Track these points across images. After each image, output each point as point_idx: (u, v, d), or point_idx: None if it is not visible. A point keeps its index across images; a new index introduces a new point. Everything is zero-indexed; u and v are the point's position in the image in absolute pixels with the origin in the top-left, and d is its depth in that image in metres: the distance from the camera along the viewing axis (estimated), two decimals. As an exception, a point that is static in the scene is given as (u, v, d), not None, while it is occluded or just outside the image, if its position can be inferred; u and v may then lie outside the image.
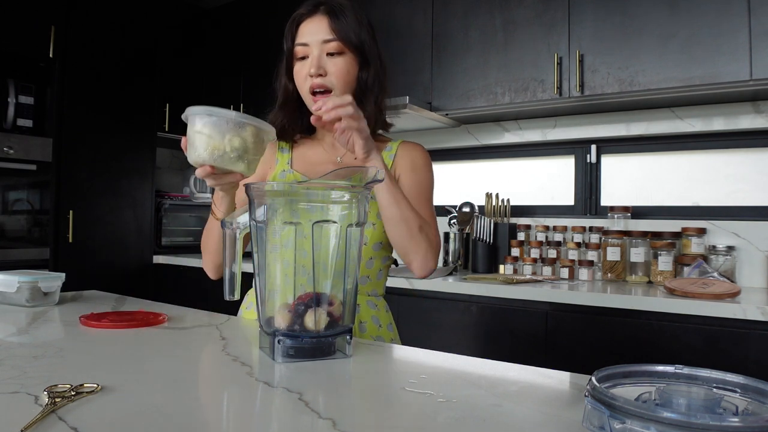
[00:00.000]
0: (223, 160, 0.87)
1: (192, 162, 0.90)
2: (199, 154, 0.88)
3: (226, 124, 0.86)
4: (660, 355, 1.66)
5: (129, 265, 3.08)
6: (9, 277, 1.18)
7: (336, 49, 1.08)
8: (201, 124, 0.87)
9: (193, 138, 0.88)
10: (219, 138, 0.86)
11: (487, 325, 2.01)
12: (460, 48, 2.42)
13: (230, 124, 0.86)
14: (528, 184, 2.69)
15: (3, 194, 2.68)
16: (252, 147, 0.89)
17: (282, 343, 0.76)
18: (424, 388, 0.66)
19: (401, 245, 1.07)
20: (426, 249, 1.07)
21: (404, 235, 1.06)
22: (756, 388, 0.51)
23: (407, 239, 1.06)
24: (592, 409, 0.48)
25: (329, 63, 1.09)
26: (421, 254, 1.06)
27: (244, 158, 0.89)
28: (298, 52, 1.11)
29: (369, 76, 1.13)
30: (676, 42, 1.93)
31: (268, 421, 0.58)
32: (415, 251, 1.06)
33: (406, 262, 1.09)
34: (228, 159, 0.87)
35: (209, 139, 0.87)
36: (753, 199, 2.15)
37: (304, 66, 1.10)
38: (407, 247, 1.07)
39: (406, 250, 1.07)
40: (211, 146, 0.87)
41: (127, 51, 3.07)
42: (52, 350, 0.81)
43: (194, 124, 0.88)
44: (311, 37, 1.09)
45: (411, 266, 1.09)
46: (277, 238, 0.78)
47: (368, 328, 1.11)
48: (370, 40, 1.13)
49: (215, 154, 0.87)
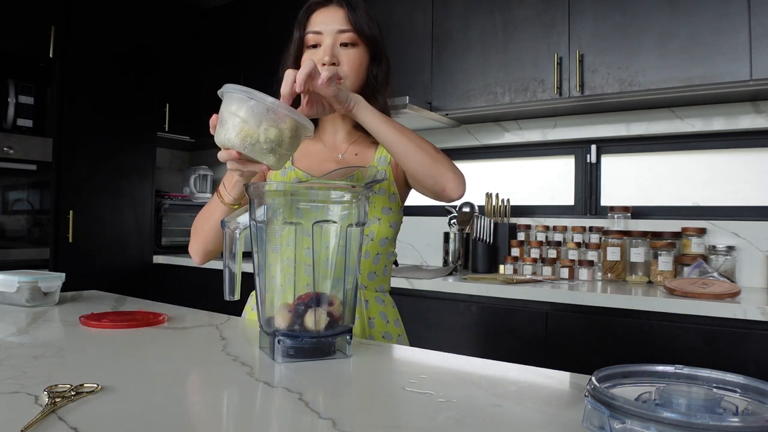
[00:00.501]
0: (253, 150, 0.81)
1: (219, 143, 0.83)
2: (229, 138, 0.81)
3: (266, 111, 0.79)
4: (660, 355, 1.66)
5: (129, 265, 3.08)
6: (9, 277, 1.18)
7: (350, 40, 1.07)
8: (237, 106, 0.80)
9: (226, 118, 0.81)
10: (254, 125, 0.80)
11: (487, 325, 2.01)
12: (460, 48, 2.42)
13: (270, 113, 0.79)
14: (528, 184, 2.69)
15: (3, 194, 2.68)
16: (287, 141, 0.82)
17: (282, 343, 0.76)
18: (424, 388, 0.66)
19: (427, 174, 1.00)
20: (452, 166, 1.01)
21: (426, 161, 0.99)
22: (756, 388, 0.51)
23: (430, 163, 0.99)
24: (592, 409, 0.48)
25: (342, 53, 1.07)
26: (450, 173, 1.00)
27: (277, 152, 0.82)
28: (310, 40, 1.08)
29: (380, 71, 1.13)
30: (676, 42, 1.93)
31: (268, 421, 0.58)
32: (443, 172, 1.00)
33: (438, 191, 1.02)
34: (259, 149, 0.81)
35: (243, 123, 0.80)
36: (753, 199, 2.15)
37: (316, 54, 1.07)
38: (434, 172, 0.99)
39: (434, 177, 1.00)
40: (244, 132, 0.80)
41: (127, 51, 3.07)
42: (52, 350, 0.81)
43: (230, 104, 0.81)
44: (325, 26, 1.07)
45: (446, 190, 1.01)
46: (277, 238, 0.78)
47: (377, 324, 1.11)
48: (380, 38, 1.13)
49: (246, 141, 0.80)
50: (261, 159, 0.82)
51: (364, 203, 0.81)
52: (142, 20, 3.14)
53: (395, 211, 1.15)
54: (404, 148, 0.98)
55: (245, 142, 0.80)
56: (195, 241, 1.09)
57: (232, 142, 0.81)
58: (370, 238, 1.11)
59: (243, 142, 0.80)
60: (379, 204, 1.12)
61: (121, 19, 3.03)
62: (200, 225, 1.08)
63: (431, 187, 1.02)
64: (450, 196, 1.02)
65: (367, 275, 1.13)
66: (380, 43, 1.13)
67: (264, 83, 1.12)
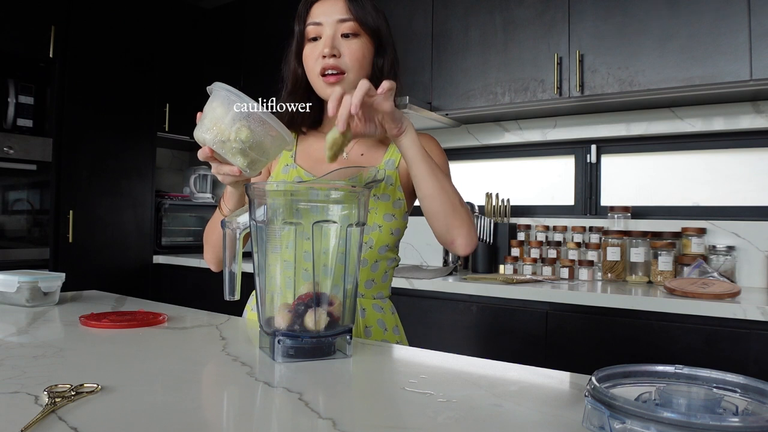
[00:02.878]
0: (223, 147, 0.82)
1: (197, 138, 0.84)
2: (203, 133, 0.82)
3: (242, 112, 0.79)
4: (660, 355, 1.66)
5: (129, 265, 3.08)
6: (9, 277, 1.18)
7: (351, 30, 1.04)
8: (217, 103, 0.81)
9: (206, 113, 0.82)
10: (228, 124, 0.80)
11: (487, 325, 2.01)
12: (460, 48, 2.42)
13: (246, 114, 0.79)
14: (528, 184, 2.69)
15: (3, 194, 2.68)
16: (259, 146, 0.82)
17: (282, 343, 0.76)
18: (424, 388, 0.66)
19: (443, 222, 0.97)
20: (469, 223, 0.98)
21: (447, 209, 0.96)
22: (756, 388, 0.51)
23: (450, 213, 0.96)
24: (592, 409, 0.48)
25: (343, 44, 1.04)
26: (465, 228, 0.98)
27: (248, 154, 0.82)
28: (310, 32, 1.05)
29: (386, 63, 1.09)
30: (676, 42, 1.93)
31: (268, 421, 0.58)
32: (459, 226, 0.97)
33: (447, 240, 0.99)
34: (229, 148, 0.81)
35: (218, 120, 0.81)
36: (753, 199, 2.15)
37: (316, 47, 1.04)
38: (450, 222, 0.97)
39: (448, 227, 0.97)
40: (216, 128, 0.81)
41: (127, 51, 3.07)
42: (52, 350, 0.81)
43: (213, 100, 0.82)
44: (325, 17, 1.04)
45: (455, 243, 0.99)
46: (277, 238, 0.78)
47: (374, 332, 1.08)
48: (386, 29, 1.09)
49: (217, 137, 0.81)
50: (230, 158, 0.83)
51: (364, 203, 0.81)
52: (142, 20, 3.14)
53: (398, 218, 1.11)
54: (432, 188, 0.95)
55: (215, 138, 0.81)
56: (207, 251, 1.13)
57: (203, 137, 0.82)
58: (368, 245, 1.08)
59: (213, 138, 0.81)
60: (381, 211, 1.08)
61: (121, 19, 3.03)
62: (209, 235, 1.11)
63: (442, 235, 1.00)
64: (456, 250, 1.00)
65: (365, 283, 1.10)
66: (385, 33, 1.09)
67: (264, 83, 1.12)
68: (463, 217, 0.98)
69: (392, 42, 1.12)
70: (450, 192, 0.97)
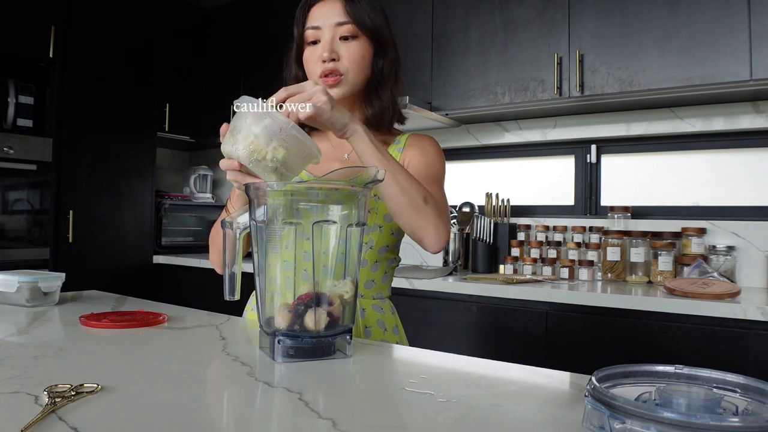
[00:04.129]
0: (258, 166, 0.81)
1: (225, 152, 0.83)
2: (237, 149, 0.81)
3: (278, 131, 0.79)
4: (660, 355, 1.66)
5: (129, 265, 3.08)
6: (9, 277, 1.18)
7: (350, 33, 1.04)
8: (252, 120, 0.80)
9: (238, 129, 0.81)
10: (264, 142, 0.80)
11: (487, 325, 2.01)
12: (460, 48, 2.42)
13: (282, 133, 0.79)
14: (528, 184, 2.69)
15: (3, 194, 2.68)
16: (293, 164, 0.82)
17: (282, 343, 0.76)
18: (424, 388, 0.66)
19: (407, 223, 0.96)
20: (435, 221, 0.96)
21: (409, 212, 0.95)
22: (756, 388, 0.51)
23: (413, 214, 0.95)
24: (592, 409, 0.48)
25: (342, 47, 1.04)
26: (431, 228, 0.96)
27: (280, 172, 0.82)
28: (309, 36, 1.06)
29: (385, 63, 1.09)
30: (676, 42, 1.93)
31: (268, 421, 0.58)
32: (424, 227, 0.96)
33: (416, 240, 0.99)
34: (264, 166, 0.81)
35: (255, 138, 0.80)
36: (753, 199, 2.15)
37: (315, 50, 1.05)
38: (414, 224, 0.96)
39: (413, 227, 0.96)
40: (252, 146, 0.80)
41: (127, 51, 3.07)
42: (52, 350, 0.81)
43: (245, 117, 0.81)
44: (323, 20, 1.04)
45: (423, 243, 0.98)
46: (277, 238, 0.78)
47: (373, 332, 1.08)
48: (386, 28, 1.09)
49: (253, 156, 0.80)
50: (263, 176, 0.82)
51: (364, 203, 0.81)
52: (143, 20, 3.14)
53: None
54: (391, 190, 0.93)
55: (251, 157, 0.80)
56: (213, 254, 1.12)
57: (238, 154, 0.81)
58: (369, 246, 1.08)
59: (249, 156, 0.80)
60: (382, 211, 1.08)
61: (121, 19, 3.03)
62: (215, 238, 1.10)
63: (410, 235, 0.99)
64: (426, 249, 0.99)
65: (365, 283, 1.10)
66: (384, 33, 1.08)
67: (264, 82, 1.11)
68: (428, 216, 0.95)
69: (392, 40, 1.11)
70: (411, 191, 0.94)
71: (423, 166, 1.10)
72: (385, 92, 1.09)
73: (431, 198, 0.97)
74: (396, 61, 1.12)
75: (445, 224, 0.98)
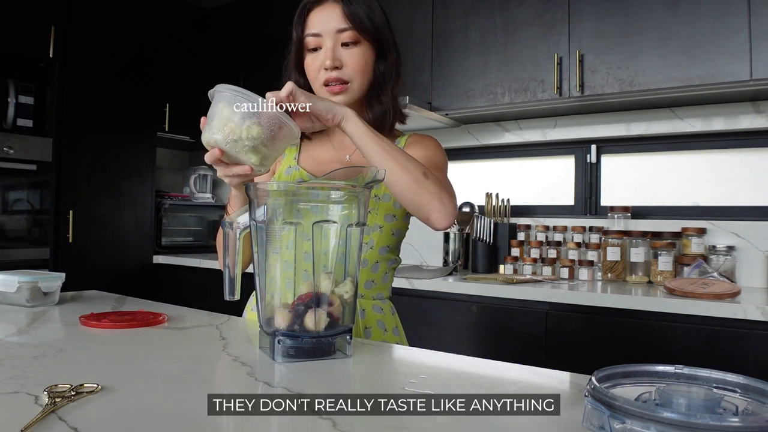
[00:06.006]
0: (236, 146, 0.82)
1: (204, 142, 0.84)
2: (213, 134, 0.82)
3: (250, 109, 0.80)
4: (660, 355, 1.66)
5: (129, 265, 3.08)
6: (9, 277, 1.18)
7: (351, 39, 1.02)
8: (223, 104, 0.81)
9: (213, 116, 0.82)
10: (238, 122, 0.81)
11: (487, 325, 2.01)
12: (460, 48, 2.42)
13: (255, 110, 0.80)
14: (528, 184, 2.69)
15: (3, 194, 2.68)
16: (270, 141, 0.82)
17: (282, 343, 0.76)
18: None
19: (411, 200, 0.93)
20: (439, 194, 0.93)
21: (410, 187, 0.91)
22: (756, 388, 0.51)
23: (415, 190, 0.92)
24: (592, 409, 0.48)
25: (345, 54, 1.03)
26: (436, 202, 0.93)
27: (260, 150, 0.82)
28: (310, 43, 1.04)
29: (386, 66, 1.08)
30: (676, 42, 1.93)
31: (268, 421, 0.58)
32: (428, 201, 0.93)
33: (422, 219, 0.96)
34: (242, 146, 0.81)
35: (228, 120, 0.81)
36: (753, 199, 2.15)
37: (317, 58, 1.04)
38: (418, 199, 0.92)
39: (418, 204, 0.93)
40: (227, 128, 0.81)
41: (127, 51, 3.07)
42: (52, 350, 0.81)
43: (218, 102, 0.82)
44: (324, 27, 1.02)
45: (429, 220, 0.95)
46: (277, 238, 0.78)
47: (373, 333, 1.08)
48: (385, 27, 1.07)
49: (229, 137, 0.81)
50: (243, 157, 0.83)
51: (364, 203, 0.81)
52: (142, 20, 3.14)
53: (399, 218, 1.10)
54: (389, 169, 0.90)
55: (227, 138, 0.81)
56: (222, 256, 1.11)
57: (215, 138, 0.82)
58: (369, 246, 1.08)
59: (225, 138, 0.81)
60: (382, 211, 1.08)
61: (121, 19, 3.03)
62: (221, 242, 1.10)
63: (416, 214, 0.97)
64: (434, 226, 0.96)
65: (365, 284, 1.09)
66: (385, 34, 1.06)
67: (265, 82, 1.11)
68: (431, 189, 0.93)
69: (392, 38, 1.10)
70: (411, 168, 0.92)
71: (424, 158, 1.07)
72: (385, 95, 1.08)
73: (431, 174, 0.95)
74: (397, 60, 1.11)
75: (450, 198, 0.96)
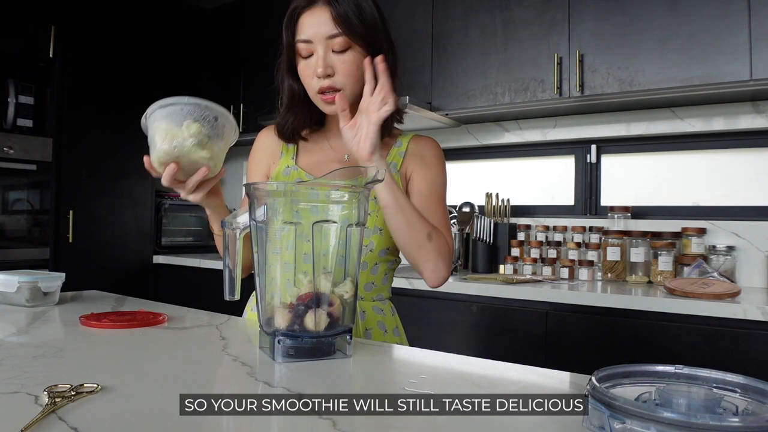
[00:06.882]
0: (183, 149, 0.84)
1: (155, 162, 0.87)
2: (159, 148, 0.84)
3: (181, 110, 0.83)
4: (660, 355, 1.66)
5: (129, 265, 3.08)
6: (9, 277, 1.18)
7: (342, 46, 1.00)
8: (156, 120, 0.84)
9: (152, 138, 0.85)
10: (176, 126, 0.83)
11: (487, 325, 2.01)
12: (460, 48, 2.42)
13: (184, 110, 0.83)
14: (528, 184, 2.69)
15: (3, 194, 2.68)
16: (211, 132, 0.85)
17: (282, 343, 0.76)
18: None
19: (409, 255, 1.02)
20: (436, 258, 1.01)
21: (412, 245, 1.00)
22: (756, 388, 0.51)
23: (415, 249, 1.00)
24: (592, 409, 0.48)
25: (336, 61, 1.00)
26: (431, 264, 1.01)
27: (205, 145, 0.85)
28: (302, 50, 1.02)
29: None
30: (676, 42, 1.93)
31: (268, 421, 0.58)
32: (425, 261, 1.01)
33: (416, 271, 1.05)
34: (189, 147, 0.84)
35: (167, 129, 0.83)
36: (753, 199, 2.15)
37: (309, 65, 1.02)
38: (416, 257, 1.01)
39: (414, 260, 1.02)
40: (169, 136, 0.83)
41: (127, 51, 3.07)
42: (52, 350, 0.81)
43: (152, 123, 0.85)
44: (314, 32, 0.99)
45: (422, 275, 1.04)
46: (277, 238, 0.78)
47: (373, 334, 1.08)
48: (378, 25, 1.03)
49: (174, 143, 0.83)
50: (194, 156, 0.85)
51: (364, 203, 0.81)
52: (143, 20, 3.14)
53: None
54: (397, 224, 0.99)
55: (172, 144, 0.84)
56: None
57: (162, 150, 0.84)
58: (369, 248, 1.08)
59: (170, 144, 0.84)
60: (382, 214, 1.06)
61: (121, 19, 3.03)
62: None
63: (412, 266, 1.05)
64: (426, 282, 1.04)
65: (364, 286, 1.09)
66: (378, 35, 1.03)
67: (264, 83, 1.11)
68: (430, 253, 1.00)
69: (387, 36, 1.07)
70: (416, 227, 0.99)
71: (425, 183, 1.11)
72: None
73: (435, 234, 1.01)
74: (392, 59, 1.07)
75: (446, 263, 1.03)
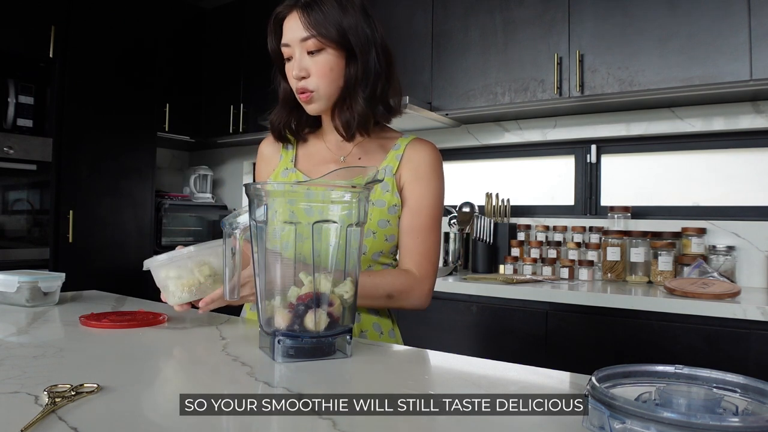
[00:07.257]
0: (203, 292, 0.94)
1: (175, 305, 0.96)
2: (180, 297, 0.94)
3: (187, 259, 0.93)
4: (660, 355, 1.66)
5: (129, 265, 3.08)
6: (9, 277, 1.18)
7: (314, 47, 1.01)
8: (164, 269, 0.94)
9: (166, 284, 0.95)
10: (188, 274, 0.93)
11: (487, 325, 2.01)
12: (460, 48, 2.42)
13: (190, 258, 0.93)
14: (528, 184, 2.69)
15: (3, 194, 2.68)
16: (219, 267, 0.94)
17: (282, 343, 0.76)
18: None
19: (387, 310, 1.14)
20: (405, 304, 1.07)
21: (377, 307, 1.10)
22: (756, 388, 0.51)
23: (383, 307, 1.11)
24: (592, 409, 0.48)
25: (310, 63, 1.02)
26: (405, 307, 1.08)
27: (218, 278, 0.95)
28: (284, 53, 1.06)
29: (357, 69, 1.03)
30: (676, 42, 1.93)
31: (268, 421, 0.58)
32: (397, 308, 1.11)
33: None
34: (206, 288, 0.94)
35: (179, 279, 0.93)
36: (753, 199, 2.15)
37: (290, 67, 1.05)
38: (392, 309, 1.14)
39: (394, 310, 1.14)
40: (186, 285, 0.93)
41: (127, 51, 3.06)
42: (52, 350, 0.81)
43: (159, 273, 0.94)
44: (291, 36, 1.03)
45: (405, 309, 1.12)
46: (277, 238, 0.78)
47: (369, 336, 1.08)
48: (356, 29, 1.02)
49: (193, 289, 0.94)
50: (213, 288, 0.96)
51: (364, 203, 0.81)
52: (142, 20, 3.13)
53: (393, 224, 1.08)
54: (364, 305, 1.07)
55: (192, 291, 0.94)
56: None
57: (183, 298, 0.95)
58: (362, 251, 1.06)
59: (191, 292, 0.95)
60: (376, 217, 1.07)
61: (121, 19, 3.03)
62: None
63: None
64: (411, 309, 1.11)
65: None
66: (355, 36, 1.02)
67: (264, 82, 1.11)
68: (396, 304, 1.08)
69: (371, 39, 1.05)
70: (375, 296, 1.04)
71: (414, 199, 1.09)
72: (355, 100, 1.05)
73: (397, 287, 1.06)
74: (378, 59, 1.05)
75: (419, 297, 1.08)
